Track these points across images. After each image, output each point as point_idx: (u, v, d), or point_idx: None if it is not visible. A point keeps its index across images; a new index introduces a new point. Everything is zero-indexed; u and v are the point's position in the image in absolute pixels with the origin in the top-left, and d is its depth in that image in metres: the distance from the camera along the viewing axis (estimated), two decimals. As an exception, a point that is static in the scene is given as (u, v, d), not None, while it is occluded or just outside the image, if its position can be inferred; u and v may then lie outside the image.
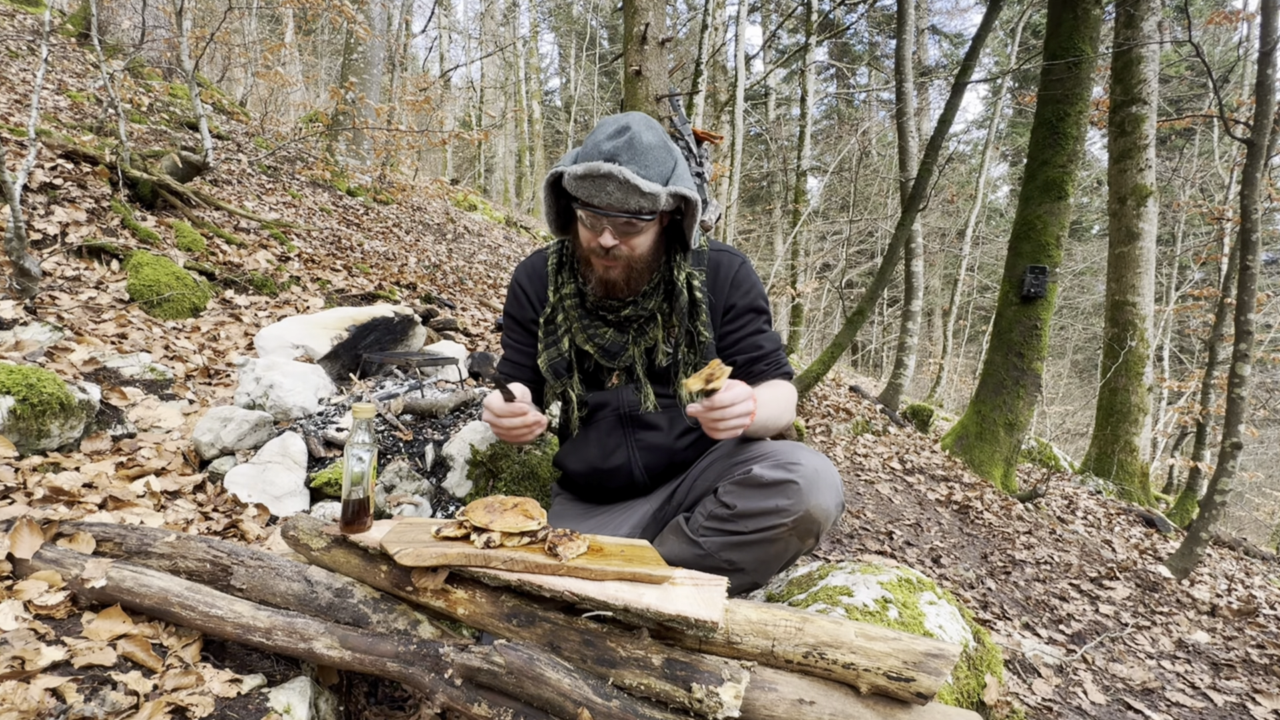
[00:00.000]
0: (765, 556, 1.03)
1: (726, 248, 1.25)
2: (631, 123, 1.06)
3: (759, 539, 1.01)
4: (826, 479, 1.00)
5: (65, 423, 1.36)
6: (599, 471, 1.25)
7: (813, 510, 0.98)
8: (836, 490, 1.01)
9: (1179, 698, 1.69)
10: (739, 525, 1.02)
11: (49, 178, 2.58)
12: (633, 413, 1.21)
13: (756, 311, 1.22)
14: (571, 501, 1.34)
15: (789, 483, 0.98)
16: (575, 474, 1.30)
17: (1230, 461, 2.99)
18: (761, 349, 1.21)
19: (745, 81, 8.31)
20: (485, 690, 0.86)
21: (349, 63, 6.82)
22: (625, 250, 1.10)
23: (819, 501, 0.98)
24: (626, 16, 3.20)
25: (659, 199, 1.05)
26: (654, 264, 1.17)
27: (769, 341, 1.22)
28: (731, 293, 1.21)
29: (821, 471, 1.00)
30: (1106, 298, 5.57)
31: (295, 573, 0.97)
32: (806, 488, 0.98)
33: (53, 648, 0.85)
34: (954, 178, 13.37)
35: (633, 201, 1.04)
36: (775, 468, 1.00)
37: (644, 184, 1.02)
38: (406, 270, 4.06)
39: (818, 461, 1.01)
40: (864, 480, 3.28)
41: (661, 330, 1.19)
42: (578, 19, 18.02)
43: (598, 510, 1.29)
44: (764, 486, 1.00)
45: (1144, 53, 5.15)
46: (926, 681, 0.79)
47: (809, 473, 0.99)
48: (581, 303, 1.22)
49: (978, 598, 2.14)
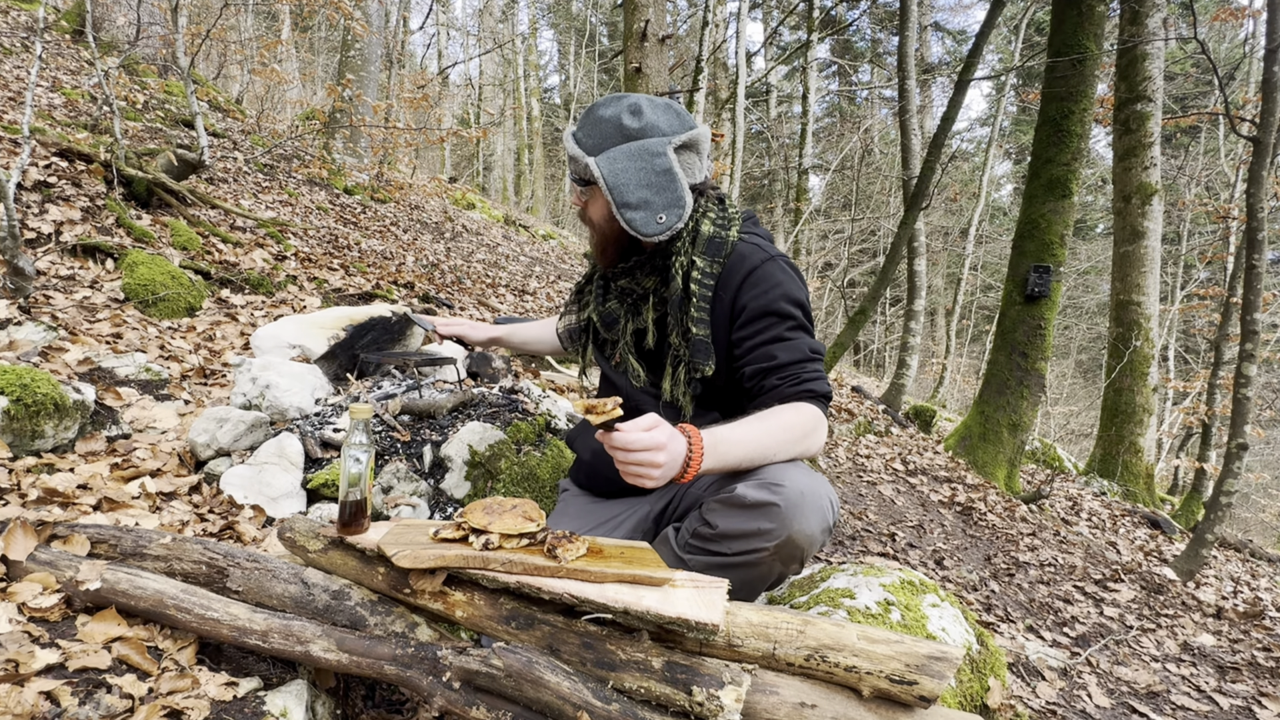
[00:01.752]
0: (748, 578, 0.99)
1: (759, 241, 1.10)
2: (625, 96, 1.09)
3: (740, 561, 0.96)
4: (812, 502, 0.93)
5: (60, 423, 1.35)
6: (602, 457, 1.21)
7: (795, 536, 0.93)
8: (823, 514, 0.95)
9: (1184, 701, 1.67)
10: (721, 546, 0.98)
11: (43, 176, 2.58)
12: (633, 403, 1.19)
13: (777, 316, 1.03)
14: (579, 493, 1.33)
15: (771, 505, 0.92)
16: (585, 455, 1.29)
17: (1236, 463, 2.97)
18: (775, 359, 1.03)
19: (746, 79, 8.29)
20: (484, 693, 0.86)
21: (346, 60, 6.80)
22: (591, 216, 1.14)
23: (802, 526, 0.92)
24: (626, 13, 3.19)
25: (581, 165, 1.06)
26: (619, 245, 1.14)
27: (788, 351, 1.03)
28: (744, 292, 1.05)
29: (807, 494, 0.93)
30: (1111, 297, 5.54)
31: (292, 575, 0.96)
32: (789, 511, 0.92)
33: (47, 650, 0.84)
34: (957, 176, 13.32)
35: (572, 166, 1.09)
36: (759, 488, 0.93)
37: (571, 147, 1.08)
38: (404, 269, 4.05)
39: (805, 483, 0.94)
40: (866, 481, 3.26)
41: (653, 313, 1.15)
42: (577, 15, 18.00)
43: (603, 502, 1.27)
44: (746, 508, 0.94)
45: (1149, 50, 5.12)
46: (929, 685, 0.78)
47: (793, 495, 0.92)
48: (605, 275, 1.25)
49: (981, 600, 2.13)
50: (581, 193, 1.13)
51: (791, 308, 1.05)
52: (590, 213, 1.14)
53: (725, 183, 8.05)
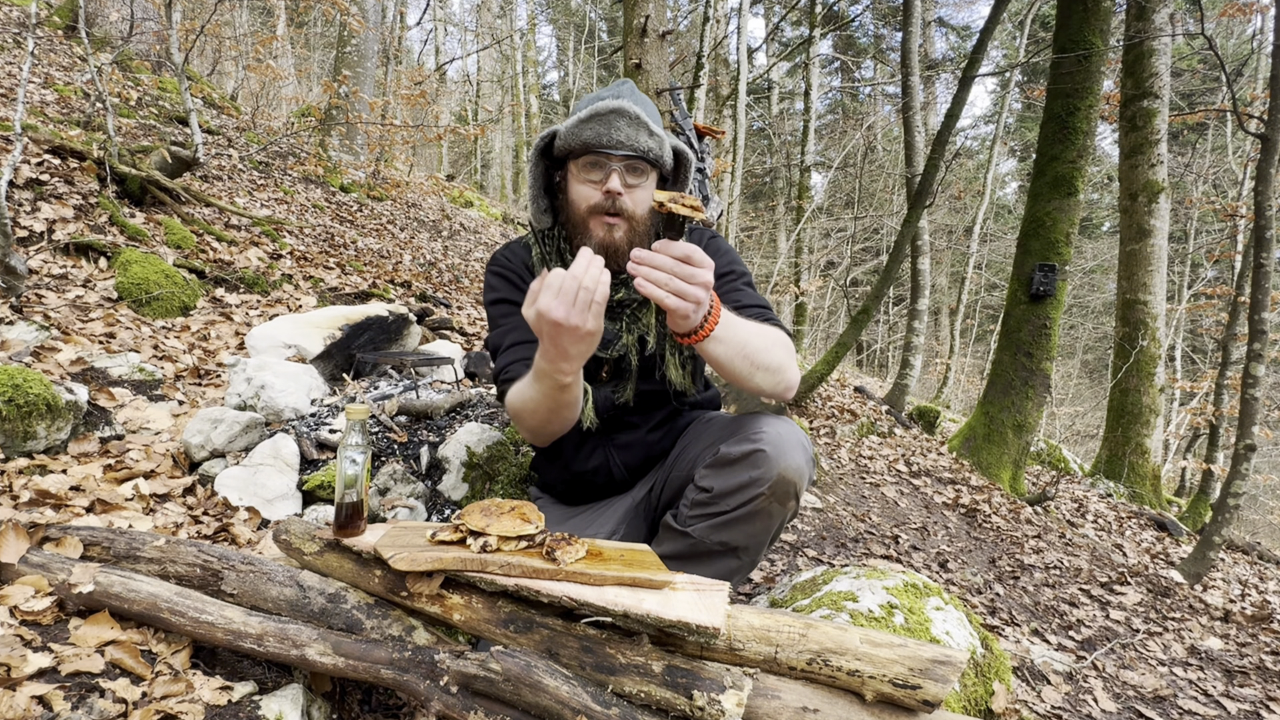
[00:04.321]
0: (753, 530, 1.03)
1: (694, 227, 1.27)
2: (629, 81, 1.14)
3: (743, 513, 1.01)
4: (791, 440, 1.01)
5: (52, 424, 1.34)
6: (578, 475, 1.24)
7: (785, 472, 0.99)
8: (804, 447, 1.02)
9: (1191, 705, 1.65)
10: (721, 505, 1.02)
11: (35, 173, 2.57)
12: (608, 415, 1.19)
13: (734, 274, 1.19)
14: (553, 504, 1.32)
15: (757, 451, 0.99)
16: (554, 480, 1.29)
17: (1244, 464, 2.95)
18: (741, 302, 1.14)
19: (748, 75, 8.25)
20: (481, 698, 0.84)
21: (342, 56, 6.79)
22: (629, 204, 1.06)
23: (788, 463, 0.99)
24: (626, 9, 3.17)
25: (665, 144, 1.08)
26: (649, 235, 1.12)
27: (750, 298, 1.16)
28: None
29: (785, 435, 1.01)
30: (1117, 296, 5.50)
31: (287, 578, 0.95)
32: (774, 453, 0.99)
33: (39, 654, 0.83)
34: (961, 173, 13.27)
35: (642, 139, 1.04)
36: (741, 441, 1.01)
37: (652, 124, 1.05)
38: (401, 268, 4.04)
39: (780, 426, 1.02)
40: (869, 483, 3.24)
41: (654, 314, 1.16)
42: (576, 11, 17.97)
43: (579, 510, 1.28)
44: (734, 462, 1.01)
45: (1156, 46, 5.08)
46: (933, 689, 0.77)
47: (773, 437, 1.00)
48: None
49: (985, 603, 2.11)
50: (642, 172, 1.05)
51: (741, 269, 1.21)
52: (636, 197, 1.07)
53: (727, 180, 8.02)
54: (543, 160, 1.12)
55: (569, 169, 1.09)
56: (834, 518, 2.50)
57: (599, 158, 1.04)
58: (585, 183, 1.07)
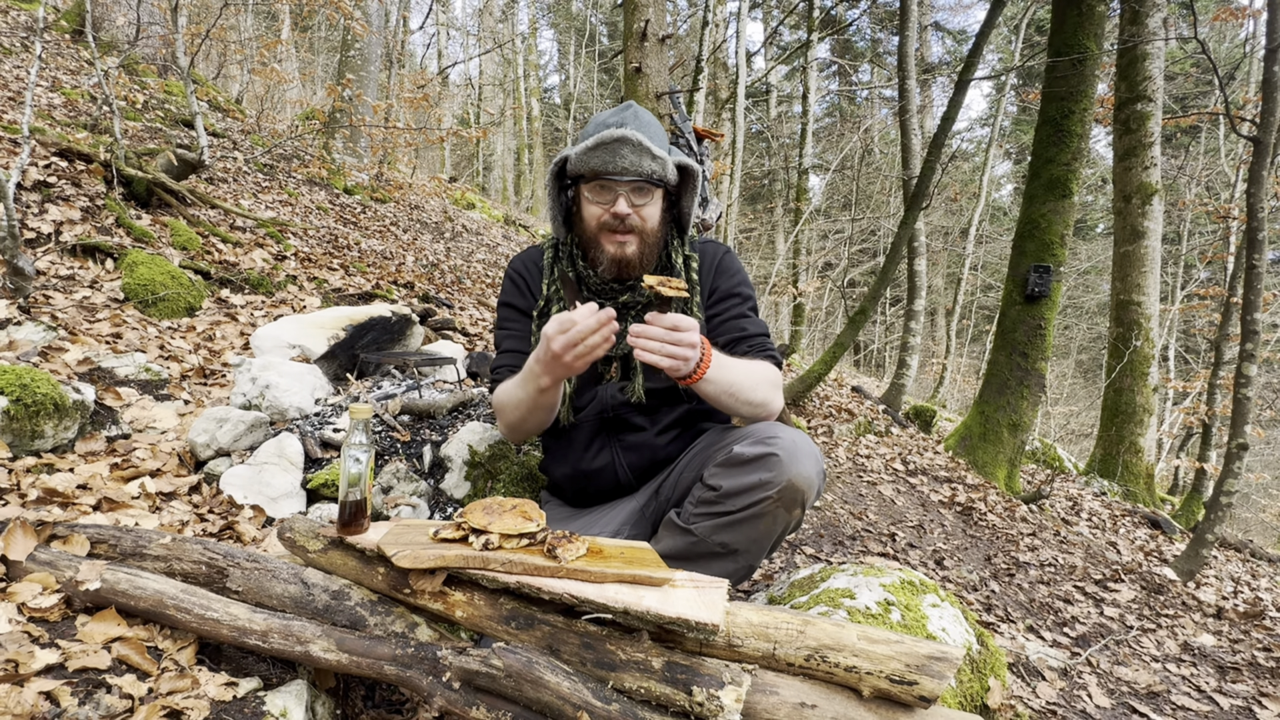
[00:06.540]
0: (755, 533, 1.04)
1: (710, 239, 1.32)
2: (632, 105, 1.18)
3: (747, 515, 1.03)
4: (805, 449, 1.02)
5: (59, 423, 1.35)
6: (584, 474, 1.26)
7: (795, 479, 1.00)
8: (816, 459, 1.04)
9: (1185, 701, 1.67)
10: (727, 505, 1.03)
11: (43, 176, 2.57)
12: (615, 414, 1.22)
13: (741, 297, 1.25)
14: (559, 505, 1.35)
15: (770, 455, 1.01)
16: (561, 479, 1.31)
17: (1236, 463, 2.97)
18: (745, 331, 1.22)
19: (746, 78, 8.28)
20: (483, 694, 0.85)
21: (346, 59, 6.80)
22: (638, 221, 1.15)
23: (800, 470, 1.00)
24: (626, 13, 3.18)
25: (668, 165, 1.13)
26: (659, 243, 1.21)
27: (753, 326, 1.24)
28: (717, 277, 1.26)
29: (799, 443, 1.03)
30: (1111, 297, 5.54)
31: (292, 575, 0.96)
32: (787, 459, 1.00)
33: (47, 651, 0.84)
34: (957, 176, 13.31)
35: (645, 164, 1.11)
36: (755, 444, 1.03)
37: (655, 148, 1.11)
38: (404, 269, 4.05)
39: (795, 435, 1.05)
40: (866, 481, 3.26)
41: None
42: (577, 15, 17.98)
43: (584, 512, 1.30)
44: (746, 463, 1.02)
45: (1149, 49, 5.12)
46: (929, 685, 0.78)
47: (787, 444, 1.01)
48: (580, 290, 1.25)
49: (981, 600, 2.13)
50: (648, 193, 1.14)
51: (750, 291, 1.28)
52: (645, 214, 1.15)
53: (725, 182, 8.04)
54: (556, 180, 1.23)
55: (580, 189, 1.18)
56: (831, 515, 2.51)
57: (606, 183, 1.13)
58: (595, 204, 1.16)
